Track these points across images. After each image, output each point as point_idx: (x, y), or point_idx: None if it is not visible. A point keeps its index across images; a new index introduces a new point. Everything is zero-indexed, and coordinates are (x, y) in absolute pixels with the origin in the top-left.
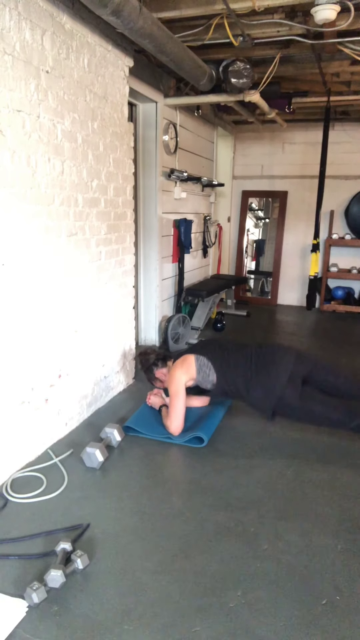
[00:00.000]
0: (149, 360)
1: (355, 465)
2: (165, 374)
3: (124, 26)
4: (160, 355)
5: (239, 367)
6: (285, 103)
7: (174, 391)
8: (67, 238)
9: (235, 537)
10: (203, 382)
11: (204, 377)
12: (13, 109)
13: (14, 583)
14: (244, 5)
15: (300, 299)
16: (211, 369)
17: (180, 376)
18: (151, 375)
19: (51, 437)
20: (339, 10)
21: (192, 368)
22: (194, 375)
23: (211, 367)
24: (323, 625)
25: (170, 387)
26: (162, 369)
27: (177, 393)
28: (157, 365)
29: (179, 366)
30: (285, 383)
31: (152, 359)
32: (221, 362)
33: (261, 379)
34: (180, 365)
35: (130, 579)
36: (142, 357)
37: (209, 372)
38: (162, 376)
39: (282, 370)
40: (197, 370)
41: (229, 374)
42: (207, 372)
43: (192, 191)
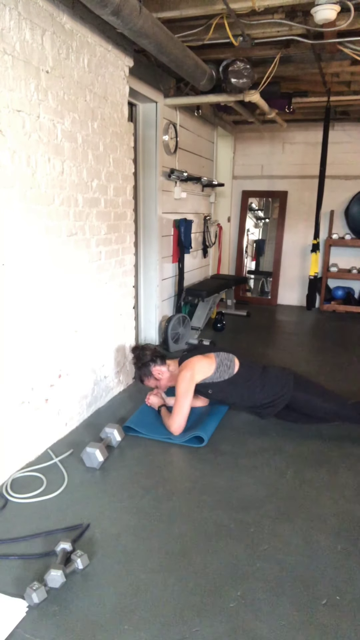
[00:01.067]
0: (146, 355)
1: (355, 465)
2: (163, 372)
3: (124, 26)
4: (157, 353)
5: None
6: (285, 103)
7: (184, 391)
8: (67, 238)
9: (235, 537)
10: (217, 378)
11: (222, 372)
12: (13, 109)
13: (14, 583)
14: (244, 5)
15: (300, 299)
16: (232, 362)
17: (195, 376)
18: (146, 371)
19: (51, 437)
20: (339, 10)
21: (212, 365)
22: (211, 371)
23: (233, 359)
24: (323, 625)
25: (181, 385)
26: (161, 367)
27: (186, 393)
28: (155, 362)
29: (194, 367)
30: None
31: (149, 355)
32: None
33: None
34: (196, 365)
35: (130, 579)
36: (139, 351)
37: (229, 365)
38: (158, 374)
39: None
40: (217, 364)
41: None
42: (228, 365)
43: (192, 191)
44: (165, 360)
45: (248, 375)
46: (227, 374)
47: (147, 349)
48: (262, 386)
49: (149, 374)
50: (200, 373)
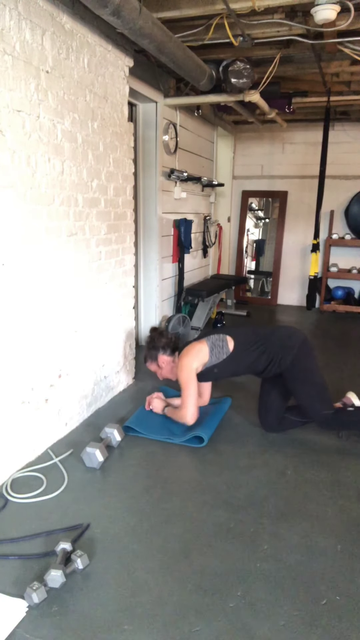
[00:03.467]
0: (160, 342)
1: (355, 465)
2: (167, 362)
3: (124, 26)
4: (171, 344)
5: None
6: (285, 103)
7: (186, 379)
8: (67, 238)
9: (235, 537)
10: (216, 360)
11: (219, 353)
12: (13, 109)
13: (14, 583)
14: (244, 5)
15: (300, 299)
16: (225, 341)
17: (192, 363)
18: (153, 355)
19: (51, 437)
20: (339, 10)
21: (204, 350)
22: (206, 357)
23: (225, 338)
24: (323, 625)
25: (182, 375)
26: (168, 357)
27: (189, 380)
28: (164, 351)
29: (188, 354)
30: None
31: (162, 343)
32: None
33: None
34: (190, 352)
35: (130, 579)
36: (155, 334)
37: (222, 345)
38: (163, 364)
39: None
40: (210, 349)
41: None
42: (222, 345)
43: (192, 191)
44: (175, 352)
45: (245, 347)
46: (223, 353)
47: (164, 336)
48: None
49: (154, 359)
50: (197, 359)
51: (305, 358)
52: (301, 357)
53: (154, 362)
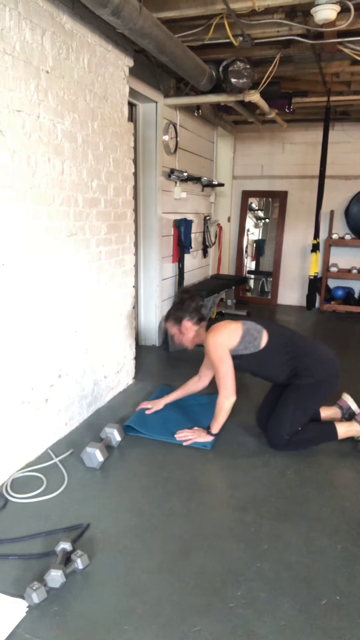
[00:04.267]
0: (190, 306)
1: (355, 465)
2: (190, 330)
3: (124, 26)
4: (199, 311)
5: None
6: (285, 103)
7: (220, 357)
8: (67, 238)
9: (235, 537)
10: (242, 349)
11: (248, 343)
12: (13, 109)
13: (14, 583)
14: (244, 5)
15: (300, 299)
16: (260, 334)
17: (224, 341)
18: (178, 318)
19: (51, 437)
20: (339, 10)
21: (237, 333)
22: (235, 342)
23: (261, 331)
24: (323, 625)
25: (214, 353)
26: (193, 325)
27: (223, 358)
28: (192, 317)
29: (220, 331)
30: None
31: (191, 308)
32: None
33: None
34: (222, 330)
35: (130, 579)
36: (186, 297)
37: (256, 337)
38: (185, 330)
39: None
40: (242, 335)
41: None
42: (255, 337)
43: (192, 191)
44: (202, 321)
45: (276, 349)
46: (252, 346)
47: (195, 301)
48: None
49: (178, 322)
50: (229, 339)
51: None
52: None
53: (177, 325)
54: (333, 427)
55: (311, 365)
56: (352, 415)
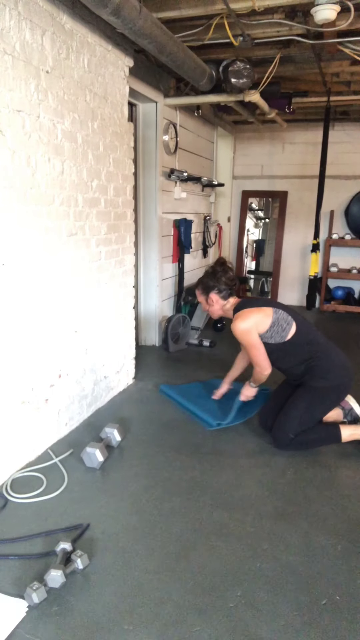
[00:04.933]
0: (221, 280)
1: (355, 465)
2: (217, 302)
3: (124, 26)
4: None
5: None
6: (285, 103)
7: (251, 344)
8: (67, 238)
9: (235, 537)
10: (269, 337)
11: (276, 333)
12: (13, 109)
13: (14, 583)
14: (244, 5)
15: (300, 299)
16: (290, 325)
17: (254, 327)
18: (207, 289)
19: (51, 437)
20: (339, 10)
21: (267, 321)
22: (264, 329)
23: (291, 323)
24: (323, 625)
25: (246, 338)
26: (220, 299)
27: (254, 344)
28: (220, 291)
29: (250, 318)
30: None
31: (223, 281)
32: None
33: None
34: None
35: (130, 579)
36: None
37: (285, 327)
38: (212, 302)
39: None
40: (272, 323)
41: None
42: (284, 327)
43: (192, 191)
44: (231, 295)
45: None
46: (278, 336)
47: (227, 274)
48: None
49: (206, 294)
50: (256, 326)
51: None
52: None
53: (205, 296)
54: (337, 430)
55: (329, 368)
56: (355, 418)
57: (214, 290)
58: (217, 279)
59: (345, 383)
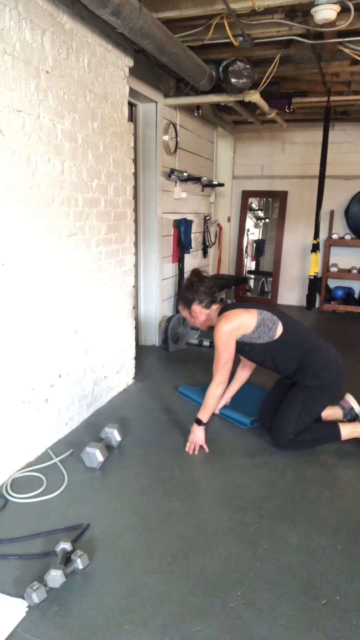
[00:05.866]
0: (199, 290)
1: (355, 465)
2: (200, 313)
3: (124, 26)
4: (211, 294)
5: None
6: (285, 103)
7: (223, 344)
8: (67, 238)
9: (235, 537)
10: (256, 338)
11: (263, 333)
12: (13, 109)
13: (14, 583)
14: (244, 5)
15: (300, 299)
16: (276, 324)
17: (233, 330)
18: (188, 301)
19: (51, 437)
20: (339, 10)
21: (251, 323)
22: (249, 330)
23: (277, 322)
24: (323, 625)
25: (220, 339)
26: (203, 309)
27: (226, 346)
28: (201, 301)
29: (232, 319)
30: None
31: (202, 291)
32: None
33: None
34: (234, 318)
35: (130, 579)
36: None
37: (271, 327)
38: (195, 313)
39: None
40: (257, 324)
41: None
42: (270, 327)
43: (192, 191)
44: (213, 304)
45: (290, 342)
46: (266, 336)
47: (204, 284)
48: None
49: (188, 306)
50: (240, 330)
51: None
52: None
53: (187, 309)
54: (336, 428)
55: (321, 366)
56: (355, 417)
57: (194, 302)
58: (195, 290)
59: (338, 379)
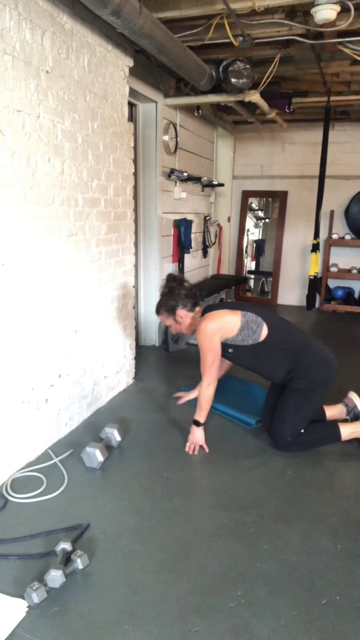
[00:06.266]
0: (180, 294)
1: (355, 465)
2: (186, 317)
3: (124, 26)
4: (192, 295)
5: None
6: (285, 103)
7: (207, 346)
8: (67, 238)
9: (235, 537)
10: (240, 341)
11: (247, 336)
12: (13, 109)
13: (14, 583)
14: (244, 5)
15: (300, 299)
16: (260, 327)
17: (217, 331)
18: (171, 308)
19: (51, 437)
20: (339, 10)
21: (235, 324)
22: (233, 333)
23: (261, 324)
24: (323, 625)
25: (204, 341)
26: (188, 312)
27: (210, 347)
28: (185, 305)
29: (216, 319)
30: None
31: (183, 295)
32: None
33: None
34: (218, 319)
35: (130, 579)
36: (175, 284)
37: (255, 330)
38: (181, 318)
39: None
40: (241, 326)
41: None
42: (254, 330)
43: (192, 191)
44: (195, 307)
45: (276, 343)
46: (251, 338)
47: (184, 287)
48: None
49: (172, 313)
50: (223, 330)
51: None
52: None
53: (171, 315)
54: (337, 429)
55: (309, 366)
56: (357, 415)
57: (178, 307)
58: (177, 295)
59: (327, 378)
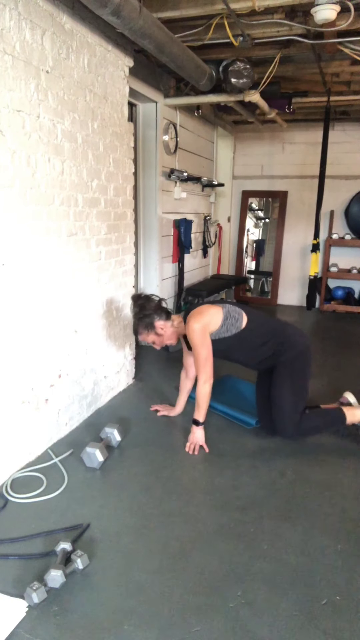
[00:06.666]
0: (151, 307)
1: (355, 465)
2: (166, 327)
3: (124, 26)
4: (162, 307)
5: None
6: (285, 103)
7: (200, 341)
8: (67, 238)
9: (235, 537)
10: (224, 332)
11: (230, 325)
12: (13, 109)
13: (14, 583)
14: (244, 5)
15: (300, 299)
16: (241, 315)
17: (206, 324)
18: (149, 324)
19: (51, 437)
20: (339, 10)
21: (218, 316)
22: (217, 325)
23: (241, 313)
24: (323, 625)
25: (195, 337)
26: (165, 322)
27: (203, 343)
28: (160, 316)
29: (202, 315)
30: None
31: (154, 307)
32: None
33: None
34: (204, 314)
35: (130, 579)
36: (142, 301)
37: (237, 318)
38: (162, 330)
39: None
40: (224, 317)
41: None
42: (236, 318)
43: (192, 191)
44: (170, 315)
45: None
46: (234, 327)
47: (152, 300)
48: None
49: (151, 328)
50: (211, 323)
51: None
52: (304, 358)
53: (151, 331)
54: (341, 411)
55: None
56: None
57: (155, 319)
58: (149, 309)
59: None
